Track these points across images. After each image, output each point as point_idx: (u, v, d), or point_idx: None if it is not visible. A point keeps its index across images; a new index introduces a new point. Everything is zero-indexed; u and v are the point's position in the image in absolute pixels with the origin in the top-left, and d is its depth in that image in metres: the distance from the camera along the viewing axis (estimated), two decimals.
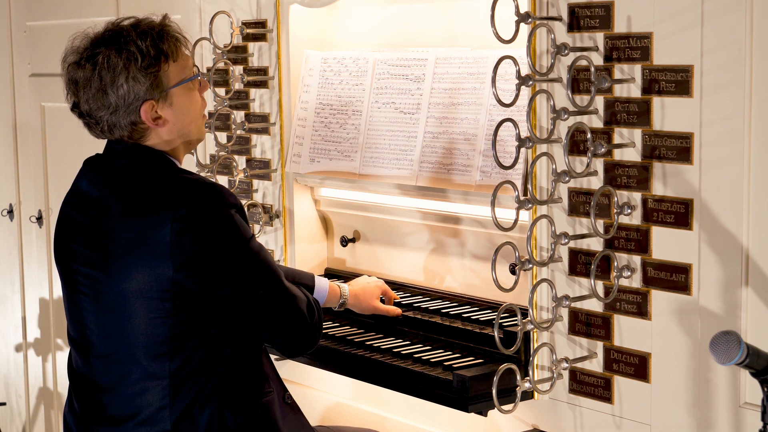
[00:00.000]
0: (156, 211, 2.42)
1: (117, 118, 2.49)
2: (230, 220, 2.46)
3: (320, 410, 3.39)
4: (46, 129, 4.95)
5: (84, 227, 2.53)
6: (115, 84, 2.46)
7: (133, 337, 2.45)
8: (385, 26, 3.32)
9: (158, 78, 2.49)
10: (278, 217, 3.47)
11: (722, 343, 1.97)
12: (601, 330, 2.61)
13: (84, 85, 2.49)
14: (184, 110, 2.54)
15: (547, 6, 2.62)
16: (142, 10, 4.33)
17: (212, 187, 2.47)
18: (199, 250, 2.41)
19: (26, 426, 5.28)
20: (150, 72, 2.48)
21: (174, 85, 2.51)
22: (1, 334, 5.39)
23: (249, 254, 2.48)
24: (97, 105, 2.49)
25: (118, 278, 2.45)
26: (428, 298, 3.15)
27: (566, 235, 2.59)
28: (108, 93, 2.47)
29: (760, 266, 2.34)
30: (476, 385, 2.65)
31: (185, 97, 2.54)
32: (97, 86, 2.47)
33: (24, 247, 5.17)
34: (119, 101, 2.47)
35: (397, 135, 3.14)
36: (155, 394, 2.46)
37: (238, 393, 2.53)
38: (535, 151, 2.66)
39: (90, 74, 2.48)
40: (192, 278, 2.41)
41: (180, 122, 2.54)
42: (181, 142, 2.57)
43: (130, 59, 2.46)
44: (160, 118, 2.51)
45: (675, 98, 2.43)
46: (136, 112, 2.48)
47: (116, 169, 2.54)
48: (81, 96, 2.51)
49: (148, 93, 2.48)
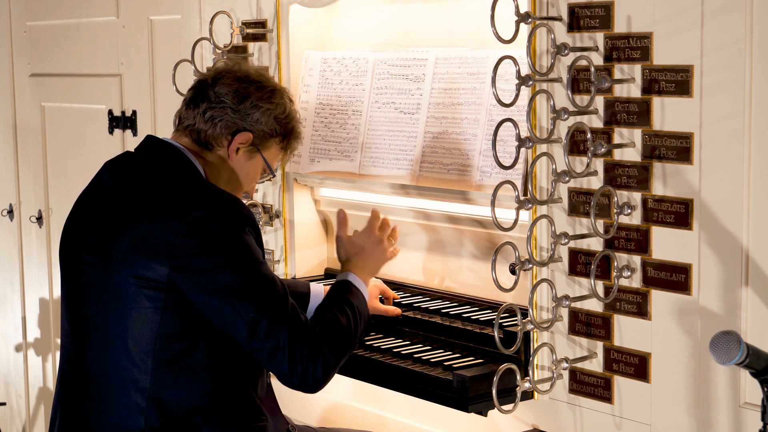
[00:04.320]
0: (167, 211, 2.43)
1: (225, 116, 2.60)
2: (238, 235, 2.43)
3: (320, 410, 3.39)
4: (46, 129, 4.95)
5: (97, 219, 2.55)
6: (259, 102, 2.62)
7: (125, 328, 2.45)
8: (385, 26, 3.32)
9: (271, 137, 2.65)
10: (278, 217, 3.47)
11: (722, 343, 1.97)
12: (601, 330, 2.61)
13: (238, 79, 2.63)
14: (249, 172, 2.67)
15: (547, 6, 2.62)
16: (142, 11, 4.34)
17: (229, 199, 2.48)
18: (198, 255, 2.40)
19: (26, 426, 5.28)
20: (275, 127, 2.64)
21: (264, 152, 2.65)
22: (1, 334, 5.39)
23: (251, 275, 2.43)
24: (231, 95, 2.62)
25: (121, 270, 2.45)
26: (428, 298, 3.15)
27: (566, 235, 2.59)
28: (248, 99, 2.61)
29: (760, 266, 2.34)
30: (476, 385, 2.65)
31: (256, 167, 2.67)
32: (246, 90, 2.62)
33: (24, 247, 5.18)
34: (244, 112, 2.61)
35: (397, 135, 3.14)
36: (135, 391, 2.45)
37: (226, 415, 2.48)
38: (535, 151, 2.66)
39: (250, 80, 2.64)
40: (185, 281, 2.40)
41: (239, 173, 2.65)
42: (221, 184, 2.62)
43: (281, 106, 2.65)
44: (237, 154, 2.62)
45: (675, 98, 2.43)
46: (237, 128, 2.60)
47: (142, 166, 2.57)
48: (226, 82, 2.62)
49: (257, 132, 2.62)
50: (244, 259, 2.43)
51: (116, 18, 4.47)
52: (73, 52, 4.76)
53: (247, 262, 2.43)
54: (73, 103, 4.80)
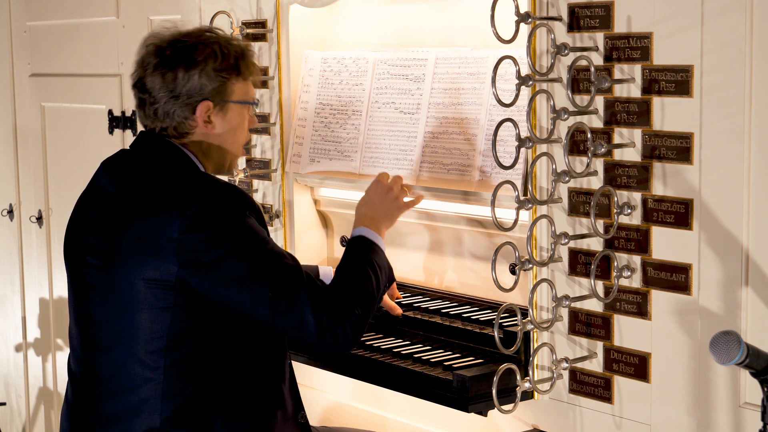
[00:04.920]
0: (167, 208, 2.43)
1: (174, 106, 2.54)
2: (240, 221, 2.46)
3: (320, 410, 3.39)
4: (46, 129, 4.95)
5: (97, 220, 2.55)
6: (188, 73, 2.53)
7: (135, 330, 2.46)
8: (385, 26, 3.32)
9: (225, 85, 2.56)
10: (278, 217, 3.47)
11: (722, 343, 1.97)
12: (601, 330, 2.61)
13: (157, 64, 2.55)
14: (233, 128, 2.61)
15: (547, 6, 2.62)
16: (142, 11, 4.34)
17: (226, 187, 2.49)
18: (205, 249, 2.41)
19: (26, 426, 5.28)
20: (222, 76, 2.55)
21: (234, 100, 2.58)
22: (1, 334, 5.39)
23: (260, 256, 2.45)
24: (162, 86, 2.54)
25: (126, 271, 2.45)
26: (428, 298, 3.15)
27: (566, 235, 2.59)
28: (177, 79, 2.53)
29: (760, 266, 2.34)
30: (476, 385, 2.65)
31: (238, 117, 2.61)
32: (171, 70, 2.53)
33: (24, 247, 5.18)
34: (183, 90, 2.53)
35: (397, 135, 3.14)
36: (148, 391, 2.46)
37: (237, 403, 2.51)
38: (535, 151, 2.66)
39: (168, 58, 2.54)
40: (196, 277, 2.41)
41: (225, 137, 2.61)
42: (215, 157, 2.62)
43: (210, 57, 2.54)
44: (211, 122, 2.57)
45: (675, 98, 2.43)
46: (192, 106, 2.55)
47: (138, 163, 2.57)
48: (150, 75, 2.56)
49: (211, 94, 2.55)
50: (250, 242, 2.45)
51: (116, 18, 4.47)
52: (73, 52, 4.76)
53: (254, 245, 2.45)
54: (73, 103, 4.80)
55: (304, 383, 3.38)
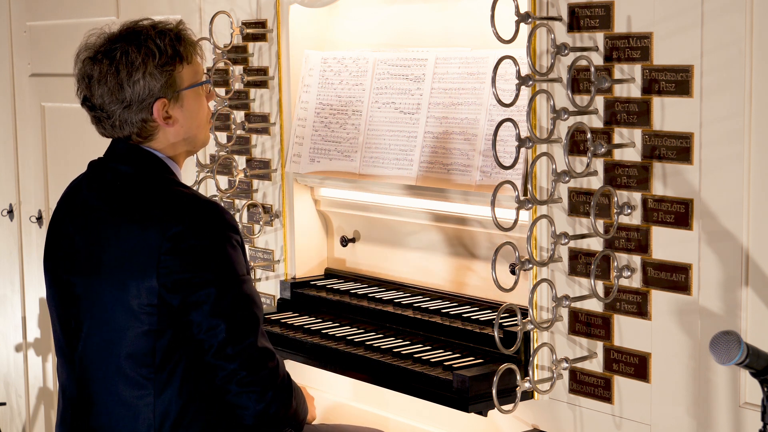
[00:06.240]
0: (148, 227, 2.42)
1: (129, 114, 2.51)
2: (221, 247, 2.43)
3: (320, 410, 3.39)
4: (46, 129, 4.95)
5: (76, 237, 2.53)
6: (132, 79, 2.49)
7: (121, 347, 2.45)
8: (385, 26, 3.32)
9: (173, 77, 2.52)
10: (278, 217, 3.47)
11: (722, 343, 1.97)
12: (601, 330, 2.61)
13: (99, 79, 2.51)
14: (193, 114, 2.57)
15: (547, 6, 2.62)
16: (142, 11, 4.34)
17: (208, 207, 2.46)
18: (181, 271, 2.40)
19: (26, 426, 5.28)
20: (166, 70, 2.51)
21: (186, 87, 2.54)
22: (1, 334, 5.39)
23: (235, 294, 2.44)
24: (111, 99, 2.50)
25: (110, 289, 2.44)
26: (428, 298, 3.15)
27: (566, 235, 2.59)
28: (124, 87, 2.49)
29: (760, 266, 2.34)
30: (476, 385, 2.65)
31: (195, 101, 2.57)
32: (114, 81, 2.49)
33: (24, 247, 5.17)
34: (134, 96, 2.49)
35: (397, 135, 3.14)
36: (139, 407, 2.45)
37: (228, 416, 2.49)
38: (535, 151, 2.66)
39: (107, 69, 2.50)
40: (173, 293, 2.41)
41: (188, 125, 2.56)
42: (186, 147, 2.59)
43: (148, 56, 2.49)
44: (171, 117, 2.54)
45: (675, 98, 2.43)
46: (148, 108, 2.51)
47: (114, 178, 2.54)
48: (95, 90, 2.52)
49: (162, 91, 2.51)
50: (227, 275, 2.43)
51: (116, 18, 4.47)
52: (73, 52, 4.75)
53: (230, 280, 2.43)
54: (73, 103, 4.77)
55: (304, 383, 3.38)
